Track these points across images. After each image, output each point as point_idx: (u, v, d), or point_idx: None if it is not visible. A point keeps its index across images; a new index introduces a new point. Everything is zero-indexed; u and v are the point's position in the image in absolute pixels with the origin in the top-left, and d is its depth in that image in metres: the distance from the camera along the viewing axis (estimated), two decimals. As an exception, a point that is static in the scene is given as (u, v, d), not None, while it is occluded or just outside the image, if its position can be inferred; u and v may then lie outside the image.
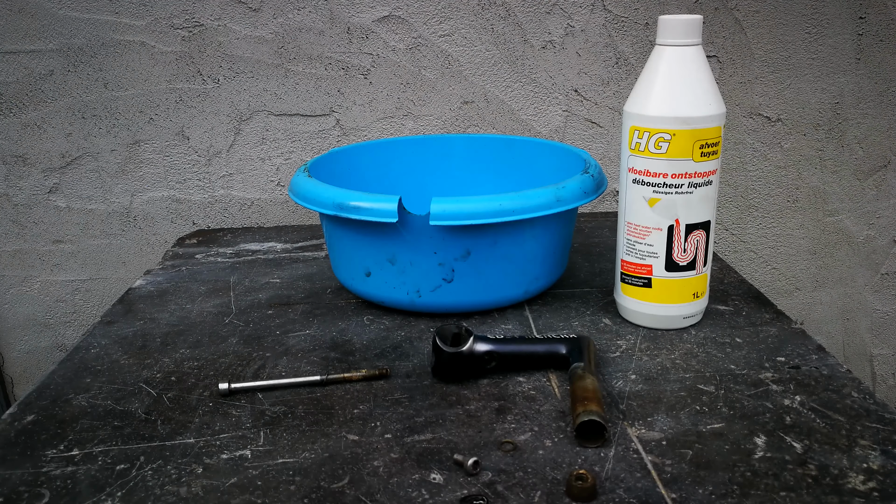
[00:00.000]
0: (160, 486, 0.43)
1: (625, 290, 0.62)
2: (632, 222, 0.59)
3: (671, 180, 0.56)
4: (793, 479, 0.42)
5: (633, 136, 0.57)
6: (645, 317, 0.62)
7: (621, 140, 0.60)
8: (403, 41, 0.93)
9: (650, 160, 0.56)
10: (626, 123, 0.58)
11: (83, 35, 0.91)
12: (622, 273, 0.62)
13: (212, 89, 0.93)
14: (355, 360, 0.58)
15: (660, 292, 0.60)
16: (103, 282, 1.01)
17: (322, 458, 0.46)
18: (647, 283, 0.60)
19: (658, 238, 0.58)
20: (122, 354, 0.60)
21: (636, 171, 0.58)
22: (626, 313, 0.63)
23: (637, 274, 0.60)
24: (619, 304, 0.64)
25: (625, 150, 0.59)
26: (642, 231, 0.59)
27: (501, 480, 0.43)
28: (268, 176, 0.98)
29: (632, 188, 0.59)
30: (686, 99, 0.55)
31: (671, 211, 0.57)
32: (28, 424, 0.50)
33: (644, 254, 0.59)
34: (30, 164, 0.95)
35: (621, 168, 0.60)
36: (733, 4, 0.93)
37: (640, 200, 0.58)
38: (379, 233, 0.60)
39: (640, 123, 0.56)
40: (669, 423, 0.48)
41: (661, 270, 0.59)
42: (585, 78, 0.95)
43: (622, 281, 0.62)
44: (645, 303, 0.61)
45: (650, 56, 0.57)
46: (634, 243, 0.60)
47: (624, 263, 0.61)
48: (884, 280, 1.06)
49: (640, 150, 0.57)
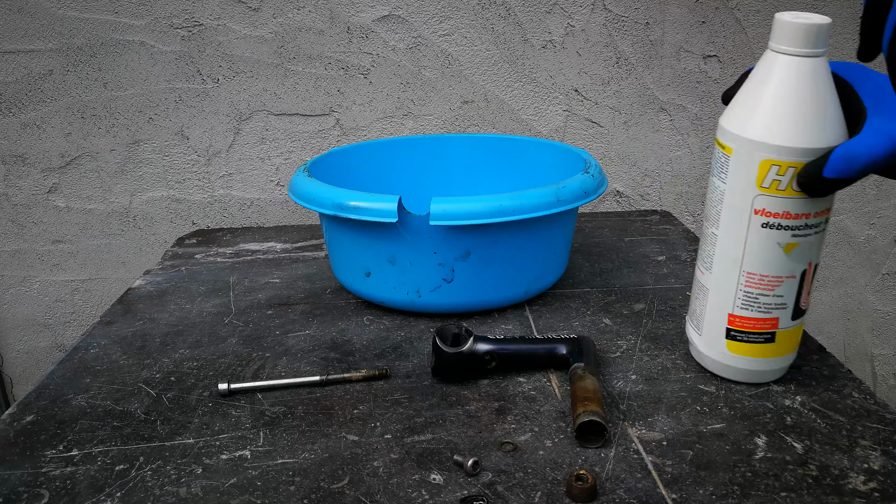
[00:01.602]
0: (160, 486, 0.43)
1: (734, 347, 0.51)
2: (757, 273, 0.48)
3: (813, 220, 0.46)
4: (793, 479, 0.42)
5: (769, 173, 0.45)
6: (764, 374, 0.52)
7: (726, 171, 0.47)
8: (403, 41, 0.92)
9: (791, 200, 0.45)
10: (753, 156, 0.45)
11: (82, 35, 0.90)
12: (731, 330, 0.51)
13: (211, 89, 0.93)
14: (355, 361, 0.58)
15: (783, 344, 0.51)
16: (103, 282, 1.01)
17: (322, 458, 0.45)
18: (771, 338, 0.50)
19: (789, 287, 0.48)
20: (122, 355, 0.60)
21: (769, 213, 0.46)
22: (727, 371, 0.53)
23: (758, 330, 0.50)
24: (714, 360, 0.53)
25: (745, 188, 0.47)
26: (772, 282, 0.48)
27: (501, 481, 0.43)
28: (267, 176, 0.98)
29: (760, 234, 0.47)
30: (835, 124, 0.44)
31: (807, 254, 0.48)
32: (27, 425, 0.50)
33: (770, 307, 0.49)
34: (29, 163, 0.95)
35: (729, 206, 0.48)
36: (734, 4, 0.93)
37: (773, 248, 0.47)
38: (379, 233, 0.60)
39: (782, 156, 0.44)
40: (670, 424, 0.48)
41: (786, 321, 0.50)
42: (586, 77, 0.95)
43: (731, 339, 0.51)
44: (764, 359, 0.51)
45: (766, 68, 0.45)
46: (757, 297, 0.49)
47: (737, 320, 0.50)
48: (885, 280, 1.06)
49: (778, 189, 0.45)
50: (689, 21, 0.93)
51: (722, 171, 0.48)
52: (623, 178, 1.00)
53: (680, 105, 0.97)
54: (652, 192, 1.01)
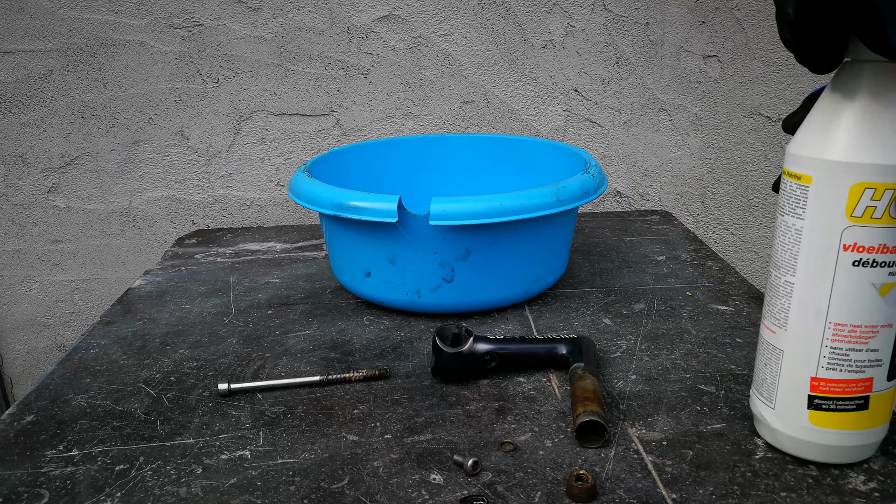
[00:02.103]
0: (160, 486, 0.43)
1: (819, 419, 0.42)
2: (847, 323, 0.40)
3: None
4: (793, 479, 0.42)
5: (862, 198, 0.38)
6: (849, 451, 0.43)
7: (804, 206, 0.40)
8: (403, 41, 0.92)
9: (890, 230, 0.38)
10: (840, 180, 0.38)
11: (82, 35, 0.90)
12: (815, 398, 0.42)
13: (211, 89, 0.93)
14: (355, 361, 0.58)
15: (877, 412, 0.42)
16: (102, 282, 1.01)
17: (322, 458, 0.45)
18: (864, 404, 0.41)
19: (886, 338, 0.40)
20: (122, 355, 0.60)
21: (861, 248, 0.39)
22: (810, 451, 0.43)
23: (849, 395, 0.41)
24: (794, 437, 0.43)
25: (834, 222, 0.39)
26: (865, 333, 0.40)
27: (501, 481, 0.43)
28: (267, 176, 0.98)
29: (850, 275, 0.39)
30: None
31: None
32: (27, 425, 0.50)
33: (863, 364, 0.40)
34: (29, 163, 0.95)
35: (811, 246, 0.40)
36: (734, 4, 0.93)
37: (867, 290, 0.39)
38: (379, 233, 0.60)
39: (877, 177, 0.37)
40: (670, 424, 0.48)
41: (882, 382, 0.41)
42: (586, 77, 0.95)
43: (815, 408, 0.42)
44: (855, 433, 0.42)
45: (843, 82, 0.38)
46: (848, 353, 0.40)
47: (822, 383, 0.41)
48: (884, 280, 1.06)
49: (872, 218, 0.38)
50: (689, 21, 0.93)
51: (797, 205, 0.40)
52: (623, 178, 1.00)
53: (680, 105, 0.97)
54: (652, 192, 1.01)
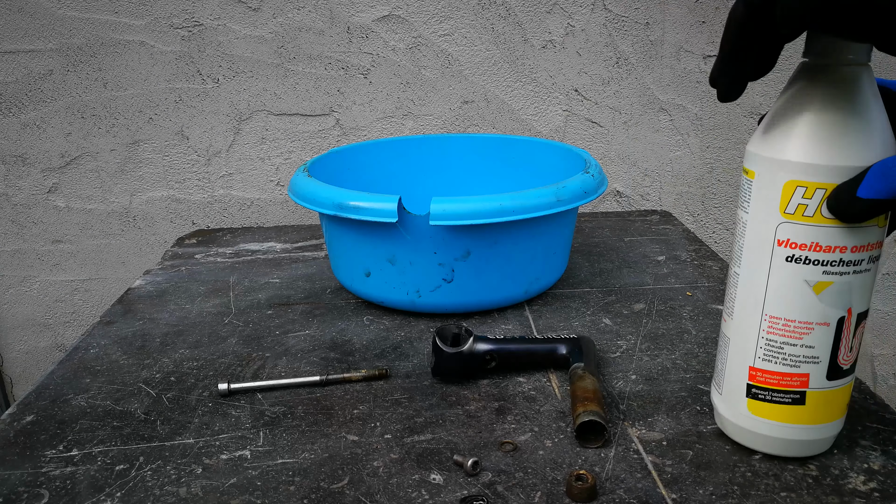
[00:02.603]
0: (159, 486, 0.43)
1: (756, 408, 0.43)
2: (781, 317, 0.41)
3: (850, 255, 0.39)
4: (793, 479, 0.42)
5: (794, 196, 0.39)
6: (788, 444, 0.44)
7: (748, 200, 0.41)
8: (403, 41, 0.92)
9: (821, 229, 0.38)
10: (776, 177, 0.39)
11: (82, 35, 0.90)
12: (752, 386, 0.43)
13: (211, 89, 0.93)
14: (355, 361, 0.58)
15: (816, 409, 0.42)
16: (102, 282, 1.01)
17: (322, 458, 0.45)
18: (800, 399, 0.42)
19: (822, 336, 0.41)
20: (122, 355, 0.60)
21: (794, 244, 0.39)
22: (750, 439, 0.45)
23: (784, 388, 0.42)
24: (735, 423, 0.45)
25: (768, 216, 0.40)
26: (799, 329, 0.41)
27: (501, 481, 0.43)
28: (267, 176, 0.98)
29: (784, 270, 0.40)
30: (879, 138, 0.38)
31: (845, 298, 0.40)
32: (27, 425, 0.50)
33: (798, 360, 0.41)
34: (29, 163, 0.95)
35: (751, 239, 0.42)
36: (733, 4, 0.93)
37: (800, 287, 0.40)
38: (379, 233, 0.60)
39: (808, 176, 0.38)
40: (670, 424, 0.48)
41: (820, 380, 0.41)
42: (586, 77, 0.95)
43: (752, 397, 0.43)
44: (791, 426, 0.43)
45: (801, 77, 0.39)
46: (782, 345, 0.41)
47: (759, 374, 0.43)
48: (884, 280, 1.06)
49: (804, 216, 0.39)
50: (689, 21, 0.93)
51: (745, 199, 0.42)
52: (623, 178, 1.00)
53: (680, 105, 0.97)
54: (652, 192, 1.01)
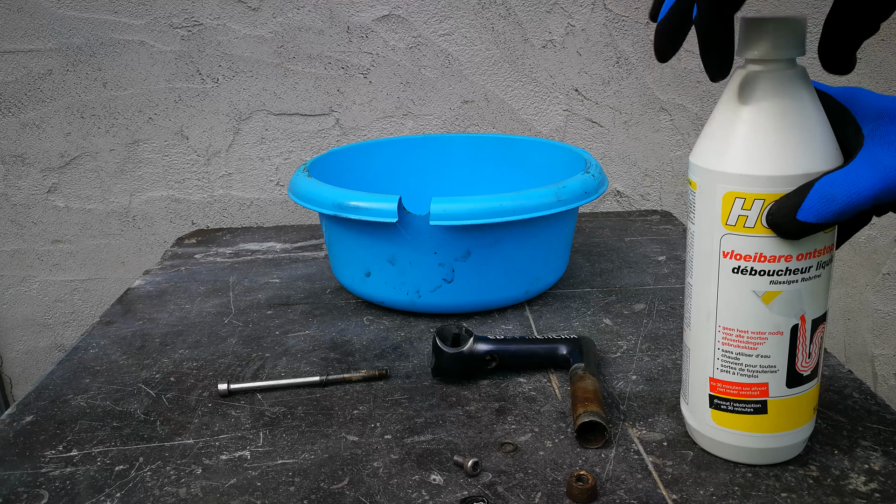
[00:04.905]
0: (159, 486, 0.43)
1: (719, 418, 0.43)
2: (734, 328, 0.40)
3: (796, 264, 0.38)
4: (794, 479, 0.42)
5: (734, 207, 0.38)
6: (754, 453, 0.43)
7: (693, 211, 0.41)
8: (403, 40, 0.92)
9: (763, 240, 0.38)
10: (715, 188, 0.38)
11: (82, 34, 0.90)
12: (714, 397, 0.42)
13: (211, 89, 0.93)
14: (355, 361, 0.58)
15: (779, 418, 0.42)
16: (102, 282, 1.01)
17: (322, 458, 0.45)
18: (761, 409, 0.41)
19: (777, 345, 0.40)
20: (121, 355, 0.60)
21: (739, 255, 0.39)
22: (717, 448, 0.44)
23: (744, 398, 0.41)
24: (702, 433, 0.44)
25: (711, 228, 0.39)
26: (752, 339, 0.40)
27: (501, 481, 0.43)
28: (267, 176, 0.98)
29: (731, 281, 0.40)
30: (819, 146, 0.37)
31: (796, 306, 0.39)
32: (27, 425, 0.50)
33: (755, 370, 0.41)
34: (28, 163, 0.95)
35: (699, 251, 0.41)
36: (734, 4, 0.93)
37: (749, 297, 0.40)
38: (379, 233, 0.60)
39: (744, 187, 0.37)
40: (670, 424, 0.48)
41: (780, 388, 0.41)
42: (586, 77, 0.95)
43: (715, 407, 0.43)
44: (755, 435, 0.42)
45: (736, 84, 0.38)
46: (738, 356, 0.41)
47: (719, 385, 0.42)
48: (885, 280, 1.06)
49: (745, 227, 0.38)
50: (690, 21, 0.93)
51: (691, 210, 0.41)
52: (623, 178, 1.00)
53: (680, 105, 0.97)
54: (652, 192, 1.01)
